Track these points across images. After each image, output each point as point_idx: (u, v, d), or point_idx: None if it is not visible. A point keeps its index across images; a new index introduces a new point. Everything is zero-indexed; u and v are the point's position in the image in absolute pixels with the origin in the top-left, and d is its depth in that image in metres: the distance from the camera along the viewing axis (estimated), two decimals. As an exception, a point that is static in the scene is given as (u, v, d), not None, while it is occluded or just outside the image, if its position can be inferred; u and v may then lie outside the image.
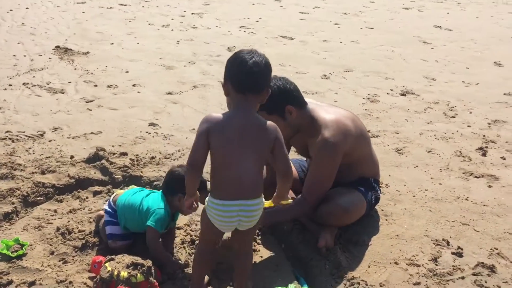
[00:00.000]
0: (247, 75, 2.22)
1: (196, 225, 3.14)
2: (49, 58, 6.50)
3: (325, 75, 6.72)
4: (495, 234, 3.33)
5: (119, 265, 2.55)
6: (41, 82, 5.56)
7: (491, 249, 3.16)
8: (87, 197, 3.37)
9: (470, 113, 5.70)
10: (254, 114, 2.30)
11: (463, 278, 2.88)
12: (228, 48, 7.61)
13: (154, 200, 2.85)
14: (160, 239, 2.83)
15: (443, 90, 6.49)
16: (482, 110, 5.82)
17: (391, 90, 6.31)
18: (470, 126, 5.28)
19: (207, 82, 6.01)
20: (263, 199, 2.35)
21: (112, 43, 7.42)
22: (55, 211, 3.20)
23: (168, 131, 4.53)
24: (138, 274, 2.52)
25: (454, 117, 5.54)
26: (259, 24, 9.57)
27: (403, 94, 6.18)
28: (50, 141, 4.15)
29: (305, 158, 3.62)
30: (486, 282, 2.84)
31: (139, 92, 5.46)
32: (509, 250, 3.17)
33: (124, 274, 2.50)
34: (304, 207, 3.00)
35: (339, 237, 3.12)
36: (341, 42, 8.53)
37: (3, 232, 2.97)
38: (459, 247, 3.14)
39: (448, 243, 3.19)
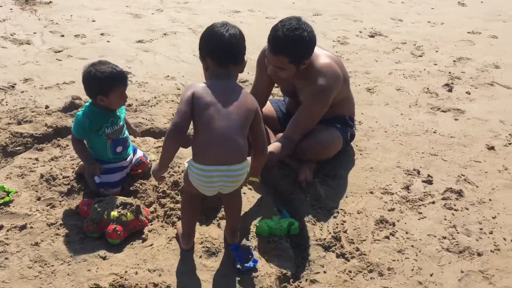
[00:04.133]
0: (227, 49, 2.27)
1: (179, 167, 3.21)
2: (10, 9, 6.24)
3: (294, 19, 6.71)
4: (461, 162, 3.54)
5: (109, 205, 2.62)
6: (5, 34, 5.37)
7: (458, 176, 3.37)
8: (67, 145, 3.38)
9: (436, 51, 5.86)
10: (236, 83, 2.37)
11: (433, 202, 3.08)
12: (195, -7, 7.49)
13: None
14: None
15: (410, 30, 6.61)
16: (447, 48, 5.98)
17: (360, 32, 6.38)
18: (436, 64, 5.44)
19: (177, 29, 5.94)
20: (249, 162, 2.32)
21: (73, -8, 7.17)
22: (37, 159, 3.20)
23: (142, 79, 4.50)
24: (128, 213, 2.60)
25: (421, 56, 5.68)
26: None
27: (371, 36, 6.26)
28: (22, 92, 4.08)
29: (283, 99, 3.71)
30: (455, 205, 3.05)
31: (108, 41, 5.35)
32: (474, 176, 3.38)
33: (114, 213, 2.58)
34: (291, 145, 3.08)
35: (317, 171, 3.26)
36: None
37: (-14, 182, 2.99)
38: (429, 175, 3.33)
39: (418, 172, 3.38)
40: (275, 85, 3.57)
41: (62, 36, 5.40)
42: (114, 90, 2.76)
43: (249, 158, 2.35)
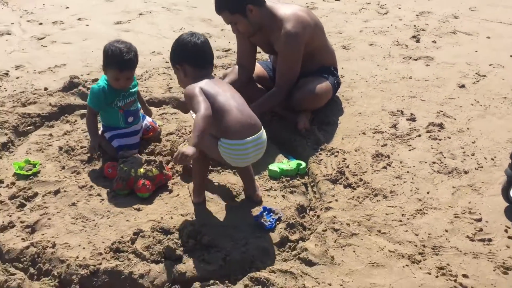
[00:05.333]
0: (204, 53, 2.64)
1: (185, 129, 3.45)
2: (-20, 4, 6.25)
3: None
4: (438, 100, 3.91)
5: (134, 164, 2.85)
6: (-18, 27, 5.42)
7: (437, 112, 3.74)
8: (76, 120, 3.56)
9: (399, 8, 6.23)
10: (219, 80, 2.76)
11: (419, 135, 3.44)
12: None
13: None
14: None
15: (372, -9, 6.95)
16: (408, 5, 6.37)
17: (326, -4, 6.69)
18: (401, 20, 5.81)
19: (152, 9, 6.09)
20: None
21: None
22: (50, 135, 3.38)
23: (130, 56, 4.67)
24: (153, 169, 2.84)
25: (386, 13, 6.04)
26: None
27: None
28: (17, 78, 4.20)
29: (269, 59, 3.98)
30: (438, 136, 3.42)
31: (87, 25, 5.47)
32: (451, 110, 3.76)
33: (141, 170, 2.81)
34: (281, 93, 3.38)
35: (312, 120, 3.56)
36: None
37: (8, 159, 3.15)
38: (411, 114, 3.69)
39: (402, 112, 3.73)
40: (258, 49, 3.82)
41: (41, 24, 5.48)
42: (108, 69, 2.98)
43: None
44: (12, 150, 3.27)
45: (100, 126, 3.17)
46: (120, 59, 2.94)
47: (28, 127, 3.48)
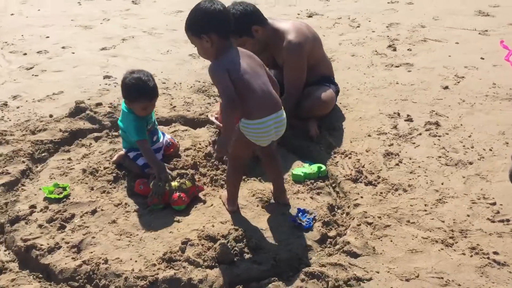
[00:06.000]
0: (229, 21, 2.56)
1: (200, 144, 3.55)
2: (-46, 39, 6.12)
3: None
4: (428, 102, 4.21)
5: (167, 179, 2.93)
6: (-35, 62, 5.32)
7: (430, 112, 4.02)
8: (90, 144, 3.59)
9: (369, 21, 6.59)
10: (241, 49, 2.68)
11: (420, 134, 3.69)
12: (133, 1, 7.69)
13: (122, 118, 3.16)
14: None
15: (340, 7, 7.32)
16: (377, 18, 6.74)
17: (298, 14, 6.98)
18: (374, 31, 6.15)
19: (133, 34, 6.17)
20: None
21: (12, 14, 7.10)
22: (69, 159, 3.40)
23: (125, 80, 4.74)
24: (187, 181, 2.94)
25: (358, 26, 6.38)
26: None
27: (310, 16, 6.88)
28: (18, 107, 4.17)
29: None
30: (437, 133, 3.69)
31: (73, 53, 5.48)
32: (442, 109, 4.05)
33: (175, 184, 2.91)
34: (291, 100, 3.56)
35: (320, 127, 3.75)
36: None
37: (33, 185, 3.15)
38: (408, 115, 3.95)
39: (399, 114, 3.99)
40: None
41: (25, 54, 5.44)
42: (136, 102, 3.04)
43: None
44: (33, 177, 3.27)
45: (116, 145, 3.25)
46: (147, 90, 3.01)
47: (43, 154, 3.49)
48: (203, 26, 2.51)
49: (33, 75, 4.86)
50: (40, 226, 2.73)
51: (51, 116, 3.96)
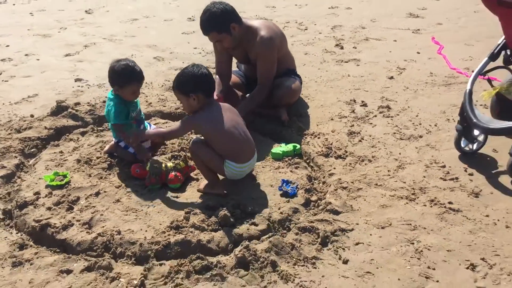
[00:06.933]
0: (212, 83, 3.12)
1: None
2: None
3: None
4: (378, 89, 4.75)
5: (161, 161, 3.23)
6: None
7: (381, 98, 4.56)
8: (78, 138, 3.80)
9: (315, 24, 7.15)
10: (222, 104, 3.18)
11: (375, 116, 4.21)
12: (86, 11, 7.84)
13: (108, 105, 3.38)
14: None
15: (286, 13, 7.86)
16: (321, 21, 7.33)
17: (249, 19, 7.42)
18: (321, 33, 6.71)
19: (93, 41, 6.35)
20: None
21: (-37, 26, 7.06)
22: (61, 152, 3.60)
23: (97, 82, 4.96)
24: (181, 162, 3.25)
25: (306, 29, 6.92)
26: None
27: (260, 21, 7.34)
28: (-5, 111, 4.30)
29: (238, 68, 4.55)
30: (389, 114, 4.22)
31: (38, 59, 5.60)
32: (391, 95, 4.60)
33: (170, 164, 3.21)
34: (264, 90, 3.95)
35: (288, 114, 4.17)
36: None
37: (30, 176, 3.33)
38: (363, 101, 4.46)
39: (354, 101, 4.49)
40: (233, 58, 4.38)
41: (-12, 62, 5.50)
42: (127, 86, 3.30)
43: None
44: (27, 170, 3.45)
45: (104, 138, 3.49)
46: (135, 73, 3.30)
47: (33, 149, 3.67)
48: (191, 87, 3.00)
49: (3, 80, 4.97)
50: (49, 209, 2.94)
51: (32, 116, 4.12)
